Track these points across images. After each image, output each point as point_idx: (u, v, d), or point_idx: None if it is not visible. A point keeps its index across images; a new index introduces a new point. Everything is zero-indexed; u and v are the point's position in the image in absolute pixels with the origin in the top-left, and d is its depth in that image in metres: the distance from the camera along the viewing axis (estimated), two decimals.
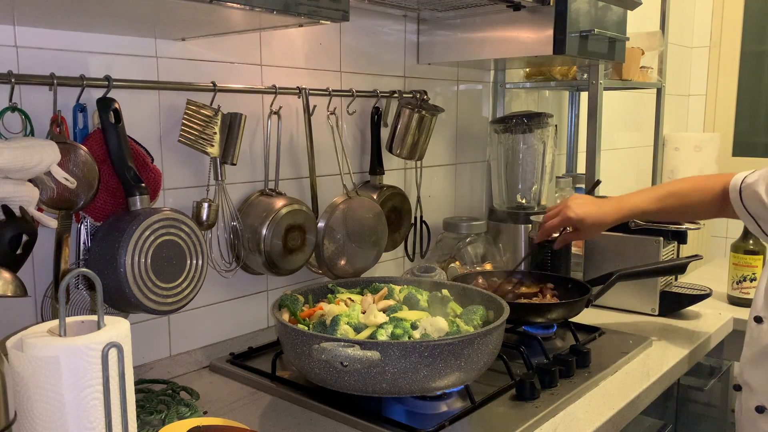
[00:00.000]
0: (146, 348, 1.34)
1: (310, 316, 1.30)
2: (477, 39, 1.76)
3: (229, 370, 1.38)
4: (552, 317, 1.52)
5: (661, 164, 2.66)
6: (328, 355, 1.06)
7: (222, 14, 1.07)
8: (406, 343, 1.10)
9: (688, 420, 1.80)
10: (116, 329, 0.81)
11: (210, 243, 1.39)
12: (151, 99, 1.31)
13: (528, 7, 1.64)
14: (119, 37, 1.25)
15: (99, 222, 1.20)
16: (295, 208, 1.45)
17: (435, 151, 1.97)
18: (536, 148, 2.05)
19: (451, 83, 2.04)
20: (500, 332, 1.21)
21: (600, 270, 1.74)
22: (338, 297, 1.39)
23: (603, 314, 1.80)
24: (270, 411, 1.22)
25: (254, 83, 1.47)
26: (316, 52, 1.60)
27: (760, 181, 1.32)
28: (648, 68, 2.36)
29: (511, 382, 1.28)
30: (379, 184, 1.74)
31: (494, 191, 2.16)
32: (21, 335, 0.79)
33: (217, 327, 1.47)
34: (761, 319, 1.23)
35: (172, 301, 1.21)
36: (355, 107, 1.68)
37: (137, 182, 1.19)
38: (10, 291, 0.96)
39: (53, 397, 0.75)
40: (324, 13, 1.09)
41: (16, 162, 1.00)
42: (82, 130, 1.19)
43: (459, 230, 1.94)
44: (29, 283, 1.14)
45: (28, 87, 1.12)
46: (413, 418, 1.17)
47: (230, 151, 1.36)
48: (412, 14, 1.83)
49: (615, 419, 1.23)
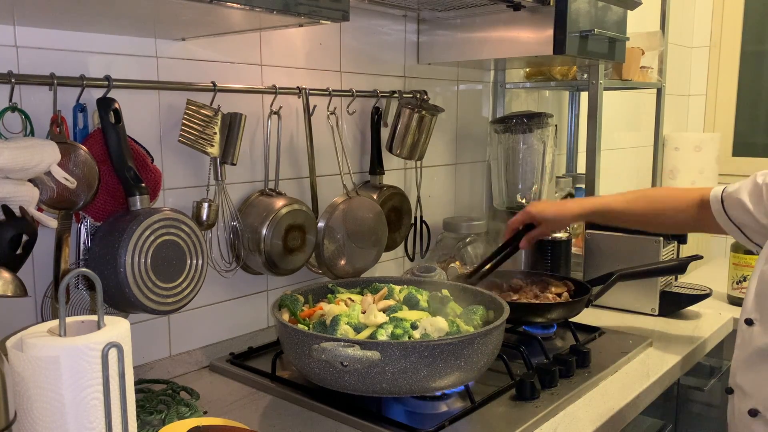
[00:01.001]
0: (146, 348, 1.34)
1: (310, 316, 1.30)
2: (477, 39, 1.76)
3: (229, 370, 1.38)
4: (552, 317, 1.52)
5: (661, 164, 2.66)
6: (328, 355, 1.06)
7: (222, 14, 1.07)
8: (406, 343, 1.10)
9: (687, 420, 1.80)
10: (116, 329, 0.81)
11: (210, 243, 1.39)
12: (151, 99, 1.31)
13: (528, 7, 1.64)
14: (119, 37, 1.25)
15: (99, 222, 1.19)
16: (295, 208, 1.45)
17: (435, 151, 1.97)
18: (536, 148, 2.05)
19: (451, 83, 2.04)
20: (500, 332, 1.21)
21: (600, 270, 1.74)
22: (338, 297, 1.39)
23: (603, 314, 1.80)
24: (270, 411, 1.22)
25: (254, 83, 1.47)
26: (316, 52, 1.60)
27: (742, 188, 1.30)
28: (648, 68, 2.36)
29: (511, 382, 1.28)
30: (379, 184, 1.74)
31: (494, 191, 2.16)
32: (21, 335, 0.79)
33: (217, 327, 1.47)
34: (752, 321, 1.22)
35: (172, 301, 1.21)
36: (355, 107, 1.68)
37: (137, 182, 1.19)
38: (10, 291, 0.96)
39: (53, 397, 0.75)
40: (324, 13, 1.09)
41: (16, 162, 1.00)
42: (82, 130, 1.19)
43: (459, 230, 1.94)
44: (29, 283, 1.14)
45: (28, 87, 1.12)
46: (413, 418, 1.17)
47: (230, 151, 1.36)
48: (412, 14, 1.83)
49: (615, 419, 1.23)
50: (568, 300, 1.59)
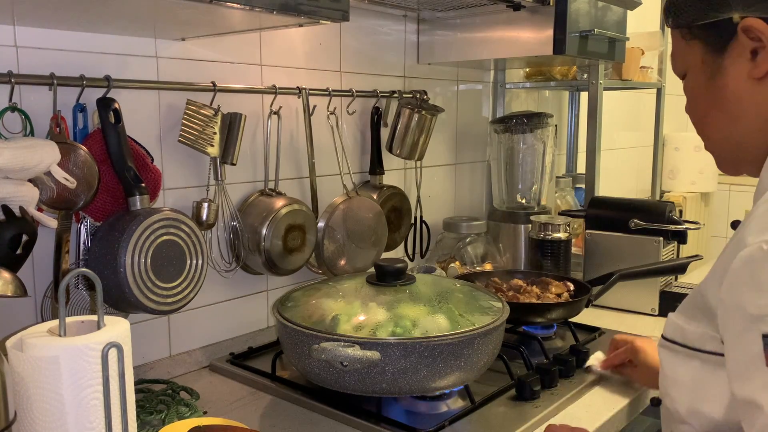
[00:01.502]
0: (146, 348, 1.34)
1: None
2: (477, 39, 1.76)
3: (229, 370, 1.38)
4: (552, 317, 1.52)
5: (661, 164, 2.66)
6: (328, 355, 1.06)
7: (222, 14, 1.07)
8: (406, 342, 1.10)
9: None
10: (116, 329, 0.81)
11: (210, 243, 1.39)
12: (151, 99, 1.31)
13: (528, 7, 1.64)
14: (119, 37, 1.24)
15: (99, 222, 1.19)
16: (295, 208, 1.45)
17: (435, 151, 1.97)
18: (536, 148, 2.05)
19: (451, 83, 2.04)
20: (500, 332, 1.21)
21: (600, 270, 1.74)
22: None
23: (603, 314, 1.80)
24: (270, 411, 1.22)
25: (254, 83, 1.47)
26: (316, 52, 1.60)
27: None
28: (648, 68, 2.36)
29: (511, 382, 1.28)
30: (379, 184, 1.74)
31: (494, 191, 2.16)
32: (21, 335, 0.79)
33: (217, 327, 1.47)
34: None
35: (172, 301, 1.21)
36: (355, 107, 1.68)
37: (137, 182, 1.19)
38: (10, 291, 0.96)
39: (53, 397, 0.75)
40: (324, 13, 1.09)
41: (16, 162, 1.00)
42: (82, 130, 1.19)
43: (459, 230, 1.94)
44: (29, 283, 1.14)
45: (28, 87, 1.12)
46: (413, 418, 1.17)
47: (230, 151, 1.36)
48: (412, 14, 1.83)
49: (615, 419, 1.23)
50: (568, 300, 1.59)
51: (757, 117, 0.83)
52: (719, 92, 0.85)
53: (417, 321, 1.17)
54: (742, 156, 0.88)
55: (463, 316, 1.19)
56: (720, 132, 0.88)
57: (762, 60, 0.80)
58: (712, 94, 0.86)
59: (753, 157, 0.86)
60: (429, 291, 1.28)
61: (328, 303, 1.23)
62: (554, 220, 1.87)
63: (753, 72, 0.81)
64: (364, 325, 1.15)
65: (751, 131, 0.84)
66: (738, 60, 0.82)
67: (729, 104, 0.85)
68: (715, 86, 0.85)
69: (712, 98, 0.87)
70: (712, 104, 0.87)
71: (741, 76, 0.82)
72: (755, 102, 0.83)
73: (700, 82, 0.88)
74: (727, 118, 0.86)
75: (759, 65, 0.81)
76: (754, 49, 0.80)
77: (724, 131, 0.88)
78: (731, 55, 0.83)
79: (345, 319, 1.21)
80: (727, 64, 0.83)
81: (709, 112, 0.88)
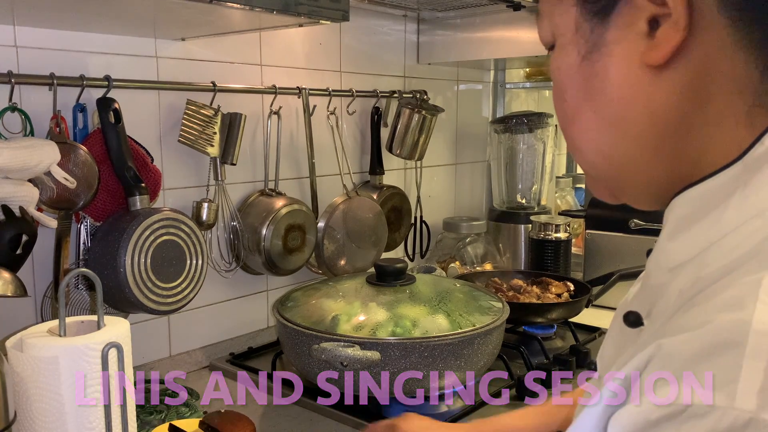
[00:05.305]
0: (146, 348, 1.34)
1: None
2: (477, 39, 1.76)
3: (229, 370, 1.37)
4: (552, 317, 1.52)
5: None
6: (328, 355, 1.06)
7: (222, 14, 1.07)
8: (406, 342, 1.10)
9: None
10: (116, 329, 0.81)
11: (210, 243, 1.39)
12: (151, 99, 1.31)
13: (528, 7, 1.63)
14: (119, 37, 1.24)
15: (99, 222, 1.19)
16: (295, 208, 1.45)
17: (435, 151, 1.97)
18: (536, 148, 2.05)
19: (451, 83, 2.04)
20: (500, 332, 1.21)
21: (600, 270, 1.74)
22: None
23: (603, 314, 1.79)
24: (270, 411, 1.22)
25: (254, 83, 1.47)
26: (316, 52, 1.60)
27: None
28: None
29: (511, 382, 1.28)
30: (379, 184, 1.74)
31: (494, 191, 2.16)
32: (21, 335, 0.79)
33: (217, 327, 1.47)
34: None
35: (172, 301, 1.21)
36: (355, 107, 1.68)
37: (137, 182, 1.19)
38: (10, 291, 0.96)
39: (53, 397, 0.75)
40: (324, 13, 1.10)
41: (16, 162, 1.00)
42: (82, 130, 1.19)
43: (459, 230, 1.94)
44: (29, 283, 1.14)
45: (28, 87, 1.12)
46: None
47: (230, 151, 1.36)
48: (412, 14, 1.83)
49: None
50: (568, 300, 1.59)
51: (651, 127, 0.51)
52: (596, 81, 0.53)
53: (417, 321, 1.17)
54: (624, 182, 0.57)
55: (463, 316, 1.19)
56: (592, 141, 0.56)
57: (664, 36, 0.48)
58: (586, 81, 0.54)
59: (642, 188, 0.56)
60: (429, 291, 1.28)
61: (328, 303, 1.24)
62: (554, 220, 1.87)
63: (649, 55, 0.49)
64: (364, 325, 1.16)
65: (641, 148, 0.53)
66: (627, 33, 0.50)
67: (609, 101, 0.53)
68: (591, 70, 0.53)
69: (585, 88, 0.54)
70: (585, 96, 0.54)
71: (630, 58, 0.50)
72: (649, 103, 0.51)
73: (570, 60, 0.54)
74: (605, 123, 0.54)
75: (659, 44, 0.49)
76: (653, 17, 0.49)
77: (597, 141, 0.55)
78: (617, 24, 0.51)
79: (345, 319, 1.21)
80: (610, 38, 0.51)
81: (581, 108, 0.55)
